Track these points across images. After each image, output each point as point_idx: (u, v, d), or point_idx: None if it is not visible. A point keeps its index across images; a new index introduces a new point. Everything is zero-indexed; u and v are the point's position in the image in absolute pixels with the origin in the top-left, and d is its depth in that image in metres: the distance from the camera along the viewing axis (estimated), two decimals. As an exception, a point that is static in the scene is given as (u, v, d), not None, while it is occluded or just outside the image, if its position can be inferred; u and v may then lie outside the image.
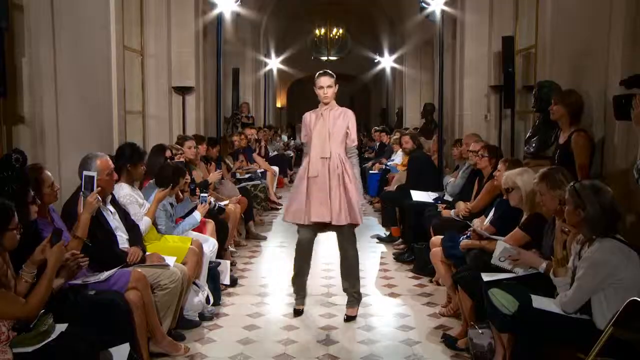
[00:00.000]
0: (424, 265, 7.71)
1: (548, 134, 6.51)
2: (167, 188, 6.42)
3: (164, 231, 6.44)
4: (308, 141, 6.37)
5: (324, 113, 6.31)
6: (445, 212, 7.71)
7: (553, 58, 7.18)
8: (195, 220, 6.78)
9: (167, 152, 7.43)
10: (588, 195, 4.04)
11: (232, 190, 9.95)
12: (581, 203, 4.06)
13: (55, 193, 4.71)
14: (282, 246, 9.80)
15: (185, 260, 5.91)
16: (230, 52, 16.18)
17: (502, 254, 4.89)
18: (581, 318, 4.07)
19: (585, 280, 4.00)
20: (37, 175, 4.56)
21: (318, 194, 6.20)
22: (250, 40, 19.35)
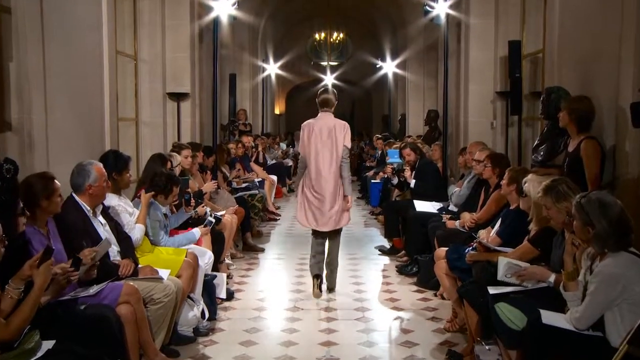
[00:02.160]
0: (428, 278, 7.67)
1: (557, 141, 6.49)
2: (156, 192, 6.45)
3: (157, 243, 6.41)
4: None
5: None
6: (450, 223, 7.69)
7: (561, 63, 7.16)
8: (193, 237, 6.76)
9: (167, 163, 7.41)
10: (595, 212, 4.00)
11: (229, 200, 9.92)
12: (588, 220, 4.02)
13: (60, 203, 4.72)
14: (281, 258, 9.76)
15: (179, 273, 5.88)
16: (227, 57, 16.18)
17: (506, 271, 4.85)
18: (594, 335, 4.02)
19: (597, 295, 3.95)
20: (48, 184, 4.57)
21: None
22: (247, 45, 19.37)
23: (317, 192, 7.54)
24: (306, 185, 7.63)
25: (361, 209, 15.01)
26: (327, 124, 7.53)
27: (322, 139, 7.50)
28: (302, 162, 7.69)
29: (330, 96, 7.71)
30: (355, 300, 7.43)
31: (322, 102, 7.70)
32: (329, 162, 7.48)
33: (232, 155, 12.19)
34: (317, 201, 7.56)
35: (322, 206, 7.55)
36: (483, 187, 7.56)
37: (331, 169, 7.48)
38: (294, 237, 11.39)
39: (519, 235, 5.48)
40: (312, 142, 7.51)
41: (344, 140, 7.48)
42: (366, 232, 12.02)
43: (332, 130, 7.49)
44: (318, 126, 7.55)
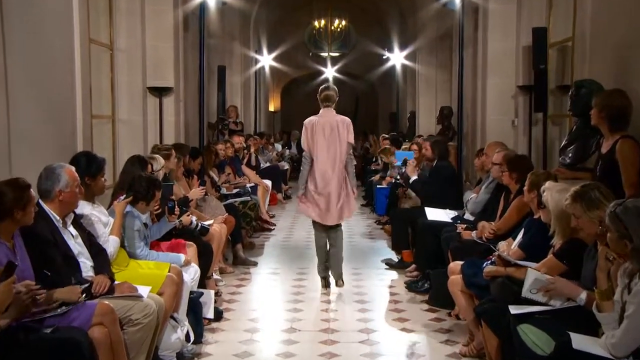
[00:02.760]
0: (441, 295, 7.61)
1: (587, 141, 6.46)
2: (128, 197, 6.42)
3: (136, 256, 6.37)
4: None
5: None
6: (466, 234, 7.66)
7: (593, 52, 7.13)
8: (178, 261, 6.69)
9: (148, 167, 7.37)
10: (632, 222, 3.96)
11: (217, 207, 9.89)
12: (625, 232, 3.98)
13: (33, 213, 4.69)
14: (276, 273, 9.76)
15: (161, 290, 5.84)
16: (215, 47, 16.17)
17: (533, 285, 4.80)
18: (633, 363, 3.98)
19: (638, 318, 3.89)
20: (23, 193, 4.55)
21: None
22: (238, 34, 19.39)
23: (321, 188, 8.53)
24: (311, 182, 8.62)
25: (366, 217, 15.00)
26: (330, 121, 8.52)
27: (326, 135, 8.49)
28: (307, 159, 8.63)
29: (332, 92, 8.67)
30: (358, 321, 7.40)
31: (324, 98, 8.65)
32: (333, 159, 8.50)
33: (221, 158, 12.17)
34: (322, 197, 8.54)
35: (327, 202, 8.54)
36: (503, 193, 7.52)
37: (335, 166, 8.51)
38: (291, 249, 11.36)
39: (544, 248, 5.44)
40: (316, 139, 8.50)
41: (347, 137, 8.49)
42: (371, 243, 12.00)
43: (335, 127, 8.49)
44: (321, 123, 8.53)
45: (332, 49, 27.77)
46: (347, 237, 12.17)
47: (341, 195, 8.60)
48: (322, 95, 8.67)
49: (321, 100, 8.66)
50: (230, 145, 12.92)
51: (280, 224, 13.94)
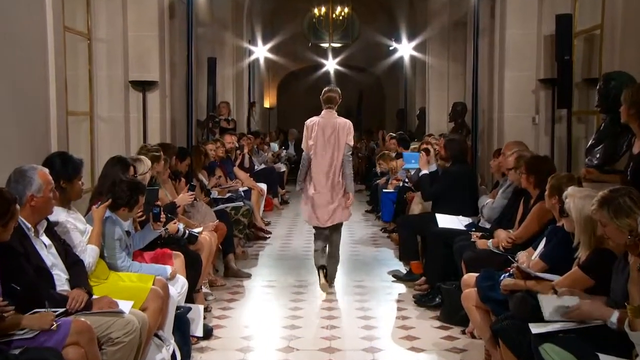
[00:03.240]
0: (454, 311, 7.63)
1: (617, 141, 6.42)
2: (107, 201, 6.40)
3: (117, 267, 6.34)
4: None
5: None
6: (482, 243, 7.64)
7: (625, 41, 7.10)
8: (164, 273, 6.66)
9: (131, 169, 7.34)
10: None
11: (207, 213, 9.88)
12: None
13: None
14: (271, 286, 9.75)
15: (145, 306, 5.83)
16: (205, 37, 16.16)
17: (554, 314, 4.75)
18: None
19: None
20: (9, 207, 4.59)
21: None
22: (230, 22, 19.38)
23: (319, 189, 9.32)
24: (309, 182, 9.43)
25: (370, 224, 15.00)
26: (331, 123, 9.31)
27: (326, 137, 9.27)
28: (305, 159, 9.45)
29: (335, 94, 9.50)
30: (363, 339, 7.38)
31: (327, 100, 9.45)
32: (331, 161, 9.28)
33: (212, 159, 12.16)
34: (320, 198, 9.33)
35: (324, 203, 9.33)
36: (522, 198, 7.50)
37: (333, 168, 9.29)
38: (288, 260, 11.35)
39: (568, 259, 5.42)
40: (315, 140, 9.30)
41: (347, 138, 9.28)
42: (376, 253, 11.98)
43: (335, 129, 9.27)
44: (322, 124, 9.32)
45: (333, 39, 27.78)
46: (350, 246, 12.19)
47: (335, 198, 9.34)
48: (324, 96, 9.46)
49: (323, 102, 9.45)
50: (221, 145, 12.90)
51: (277, 231, 13.93)
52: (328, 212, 9.35)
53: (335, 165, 9.30)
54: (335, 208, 9.35)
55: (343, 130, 9.29)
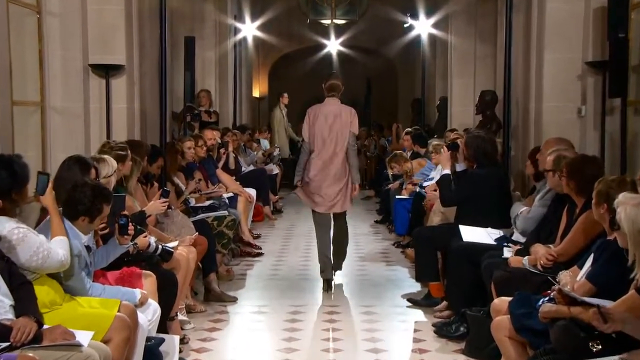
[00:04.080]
0: (483, 343, 7.61)
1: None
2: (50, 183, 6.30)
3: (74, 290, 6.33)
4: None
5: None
6: (516, 260, 7.64)
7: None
8: (133, 298, 6.65)
9: (92, 172, 7.33)
10: None
11: (184, 225, 9.87)
12: None
13: None
14: (261, 312, 9.80)
15: (108, 337, 5.83)
16: (181, 12, 16.18)
17: None
18: None
19: None
20: None
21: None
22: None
23: (321, 179, 10.54)
24: (309, 171, 10.62)
25: (381, 238, 15.02)
26: (334, 110, 10.49)
27: (328, 124, 10.44)
28: (305, 149, 10.71)
29: (338, 82, 10.68)
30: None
31: (330, 88, 10.62)
32: (334, 150, 10.49)
33: (189, 159, 12.15)
34: (320, 187, 10.57)
35: (326, 192, 10.57)
36: (565, 206, 7.49)
37: (336, 157, 10.51)
38: (282, 281, 11.38)
39: (622, 280, 5.40)
40: (317, 129, 10.49)
41: (351, 127, 10.50)
42: (388, 273, 12.01)
43: (337, 117, 10.45)
44: (324, 112, 10.51)
45: (336, 15, 27.74)
46: (357, 264, 12.24)
47: (341, 190, 10.62)
48: (327, 84, 10.63)
49: (326, 89, 10.60)
50: (202, 143, 12.89)
51: (268, 246, 13.96)
52: (334, 202, 10.61)
53: (338, 155, 10.52)
54: (342, 195, 10.63)
55: (347, 117, 10.46)
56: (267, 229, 15.89)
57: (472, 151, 9.77)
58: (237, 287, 11.01)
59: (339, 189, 10.62)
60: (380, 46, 28.28)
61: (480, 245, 8.64)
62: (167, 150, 10.79)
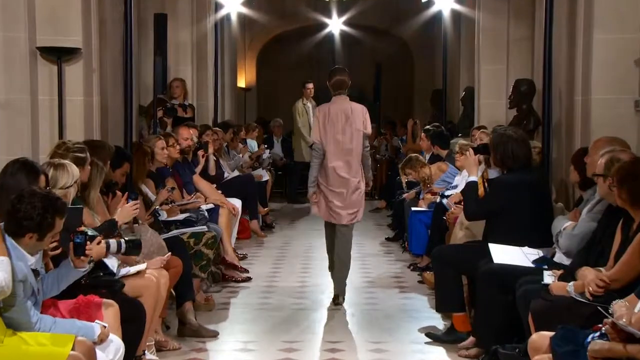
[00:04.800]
0: (518, 387, 7.59)
1: None
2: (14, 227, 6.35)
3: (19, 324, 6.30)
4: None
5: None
6: (558, 287, 7.62)
7: None
8: (91, 334, 6.62)
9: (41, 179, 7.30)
10: None
11: (154, 243, 9.85)
12: None
13: None
14: (248, 349, 9.80)
15: (60, 381, 5.79)
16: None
17: None
18: None
19: None
20: None
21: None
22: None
23: (334, 185, 11.41)
24: (321, 177, 11.48)
25: (393, 259, 15.04)
26: (344, 109, 11.40)
27: (340, 126, 11.28)
28: (318, 151, 11.41)
29: (345, 77, 11.51)
30: None
31: (336, 85, 11.49)
32: (348, 152, 11.36)
33: (161, 163, 12.14)
34: (334, 196, 11.41)
35: (340, 201, 11.42)
36: (620, 220, 7.45)
37: (350, 160, 11.39)
38: (272, 312, 11.40)
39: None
40: (329, 130, 11.30)
41: (364, 126, 11.38)
42: (402, 301, 12.05)
43: (349, 116, 11.32)
44: (334, 111, 11.37)
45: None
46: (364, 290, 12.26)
47: (355, 193, 11.51)
48: (332, 80, 11.47)
49: (332, 87, 11.48)
50: (174, 142, 12.88)
51: (257, 269, 14.01)
52: (348, 212, 11.49)
53: (354, 158, 11.47)
54: (356, 205, 11.60)
55: (359, 116, 11.38)
56: (255, 248, 15.90)
57: (499, 153, 9.72)
58: (219, 319, 11.02)
59: (354, 197, 11.50)
60: (393, 25, 28.34)
61: (515, 268, 8.64)
62: (133, 153, 10.76)
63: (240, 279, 13.12)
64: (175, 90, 17.04)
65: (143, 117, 15.08)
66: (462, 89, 20.85)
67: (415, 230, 13.95)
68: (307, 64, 28.37)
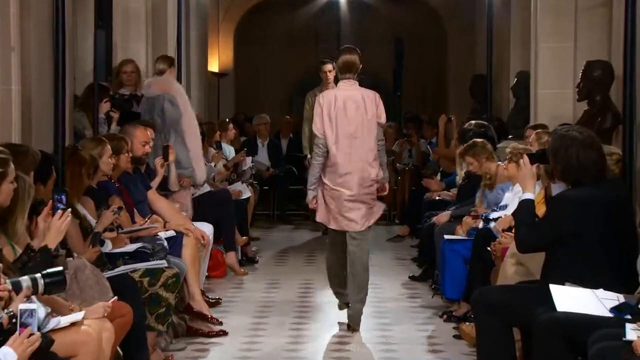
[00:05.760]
0: None
1: None
2: None
3: None
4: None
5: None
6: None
7: None
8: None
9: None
10: None
11: (94, 283, 9.84)
12: None
13: None
14: None
15: None
16: None
17: None
18: None
19: None
20: None
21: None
22: None
23: (342, 186, 12.49)
24: (327, 178, 12.54)
25: (420, 305, 15.05)
26: (353, 96, 12.43)
27: (349, 116, 12.35)
28: (321, 148, 12.42)
29: (355, 57, 12.40)
30: None
31: (344, 67, 12.44)
32: (359, 147, 12.44)
33: (104, 175, 12.11)
34: (343, 198, 12.50)
35: (349, 203, 12.52)
36: None
37: (362, 156, 12.49)
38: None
39: None
40: (334, 121, 12.32)
41: (377, 116, 12.49)
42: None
43: (360, 105, 12.39)
44: (342, 99, 12.36)
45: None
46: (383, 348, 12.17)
47: (368, 196, 12.65)
48: (340, 61, 12.44)
49: (339, 69, 12.53)
50: (125, 146, 12.85)
51: (234, 320, 14.03)
52: (358, 216, 12.60)
53: (368, 153, 12.56)
54: (368, 207, 12.73)
55: (371, 104, 12.45)
56: (233, 291, 15.86)
57: (560, 162, 9.60)
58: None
59: (365, 202, 12.66)
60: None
61: (586, 318, 8.60)
62: (66, 161, 10.73)
63: (212, 333, 13.11)
64: (125, 76, 16.90)
65: (80, 112, 15.04)
66: (514, 75, 20.88)
67: (450, 266, 13.91)
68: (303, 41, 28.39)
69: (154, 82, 16.42)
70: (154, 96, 15.87)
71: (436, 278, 15.19)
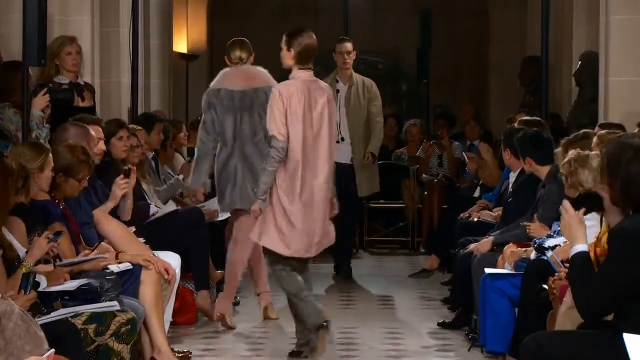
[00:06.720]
0: None
1: None
2: None
3: None
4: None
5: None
6: None
7: None
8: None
9: None
10: None
11: (24, 333, 9.88)
12: None
13: None
14: None
15: None
16: None
17: None
18: None
19: None
20: None
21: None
22: None
23: (304, 199, 13.33)
24: (283, 189, 13.25)
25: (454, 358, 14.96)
26: (319, 89, 13.39)
27: (313, 112, 13.20)
28: (280, 151, 13.03)
29: (314, 41, 13.33)
30: None
31: (308, 53, 13.38)
32: (325, 151, 13.41)
33: (44, 193, 12.18)
34: (304, 214, 13.39)
35: (311, 221, 13.46)
36: None
37: (328, 165, 13.47)
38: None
39: None
40: (296, 121, 13.08)
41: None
42: None
43: (325, 102, 13.33)
44: (302, 92, 13.14)
45: None
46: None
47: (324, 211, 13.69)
48: (303, 46, 13.20)
49: (300, 56, 13.26)
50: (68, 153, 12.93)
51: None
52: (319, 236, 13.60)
53: (331, 158, 13.66)
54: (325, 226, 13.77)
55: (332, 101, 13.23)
56: (206, 341, 15.87)
57: (619, 179, 9.45)
58: None
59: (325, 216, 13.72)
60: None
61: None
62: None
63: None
64: (68, 60, 16.94)
65: (5, 109, 15.10)
66: (577, 58, 20.95)
67: (492, 308, 13.94)
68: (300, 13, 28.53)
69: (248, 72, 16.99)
70: (252, 89, 16.54)
71: (474, 325, 15.23)
